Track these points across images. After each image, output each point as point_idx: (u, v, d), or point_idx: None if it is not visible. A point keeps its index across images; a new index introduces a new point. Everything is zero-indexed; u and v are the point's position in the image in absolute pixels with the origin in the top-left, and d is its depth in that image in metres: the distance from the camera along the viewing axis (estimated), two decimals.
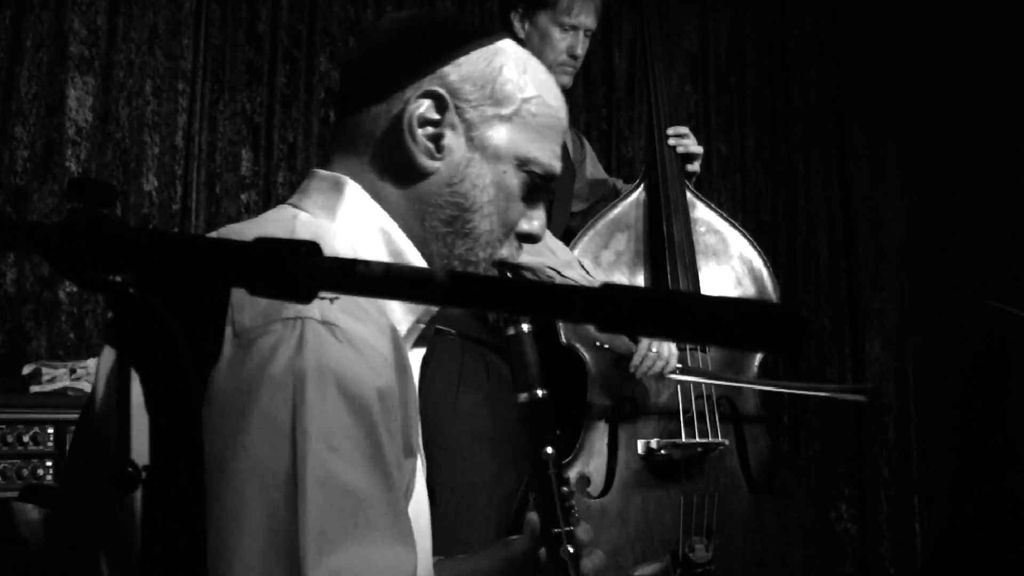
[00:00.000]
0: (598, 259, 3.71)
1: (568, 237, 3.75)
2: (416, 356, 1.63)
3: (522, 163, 1.58)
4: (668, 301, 0.73)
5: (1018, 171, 5.42)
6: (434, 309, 1.58)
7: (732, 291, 3.84)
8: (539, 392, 1.78)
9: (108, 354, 1.40)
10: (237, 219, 4.34)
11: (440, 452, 3.38)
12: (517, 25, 3.69)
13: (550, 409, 1.79)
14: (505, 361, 3.63)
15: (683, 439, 3.58)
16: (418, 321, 1.58)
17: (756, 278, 3.89)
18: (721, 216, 3.93)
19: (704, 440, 3.58)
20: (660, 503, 3.57)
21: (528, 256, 3.32)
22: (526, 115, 1.58)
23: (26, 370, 3.58)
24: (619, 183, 4.12)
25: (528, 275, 3.33)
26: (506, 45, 1.62)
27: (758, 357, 3.83)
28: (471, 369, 3.39)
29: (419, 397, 3.59)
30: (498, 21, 4.21)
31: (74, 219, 0.78)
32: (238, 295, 1.18)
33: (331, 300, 1.36)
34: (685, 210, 3.81)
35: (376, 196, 1.56)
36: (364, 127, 1.58)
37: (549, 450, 1.77)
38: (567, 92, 4.75)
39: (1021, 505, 4.48)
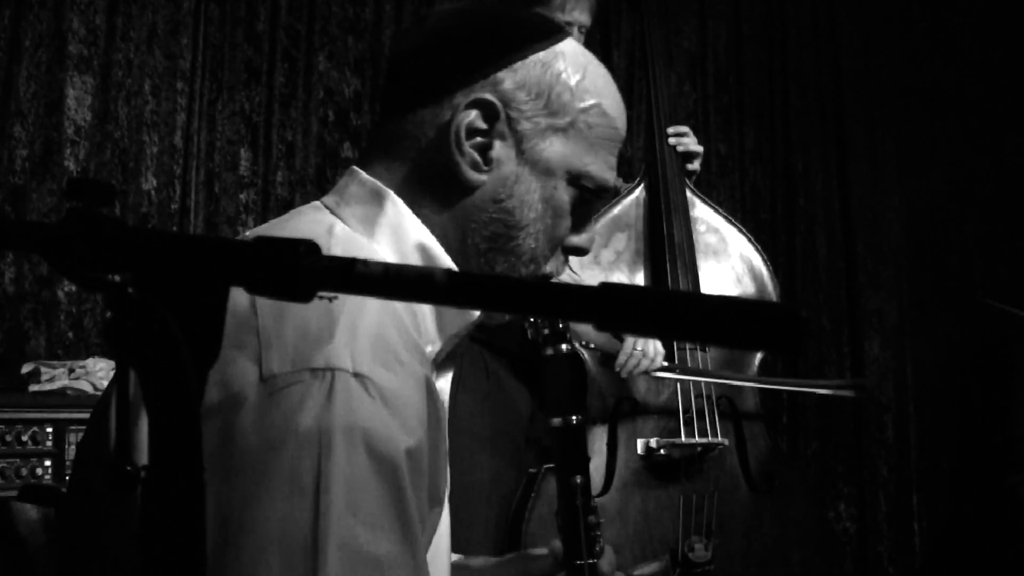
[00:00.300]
0: (598, 258, 3.71)
1: None
2: (446, 378, 1.57)
3: (574, 178, 1.48)
4: (667, 300, 0.73)
5: (1017, 170, 5.42)
6: (472, 320, 1.50)
7: (732, 290, 3.83)
8: (573, 418, 1.73)
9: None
10: (235, 218, 4.34)
11: None
12: None
13: (583, 435, 1.75)
14: (503, 366, 3.64)
15: (682, 439, 3.58)
16: (454, 335, 1.50)
17: (756, 277, 3.89)
18: (721, 215, 3.94)
19: (704, 440, 3.58)
20: (659, 503, 3.57)
21: None
22: (582, 127, 1.48)
23: (25, 369, 3.58)
24: (619, 182, 4.12)
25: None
26: (566, 47, 1.50)
27: (758, 357, 3.83)
28: (469, 369, 3.39)
29: None
30: None
31: (73, 218, 0.78)
32: (268, 332, 1.16)
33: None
34: (685, 209, 3.81)
35: (416, 208, 1.47)
36: (409, 131, 1.48)
37: (578, 479, 1.73)
38: None
39: (1020, 504, 4.48)
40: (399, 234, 1.45)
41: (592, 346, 3.57)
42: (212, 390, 1.21)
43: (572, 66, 1.48)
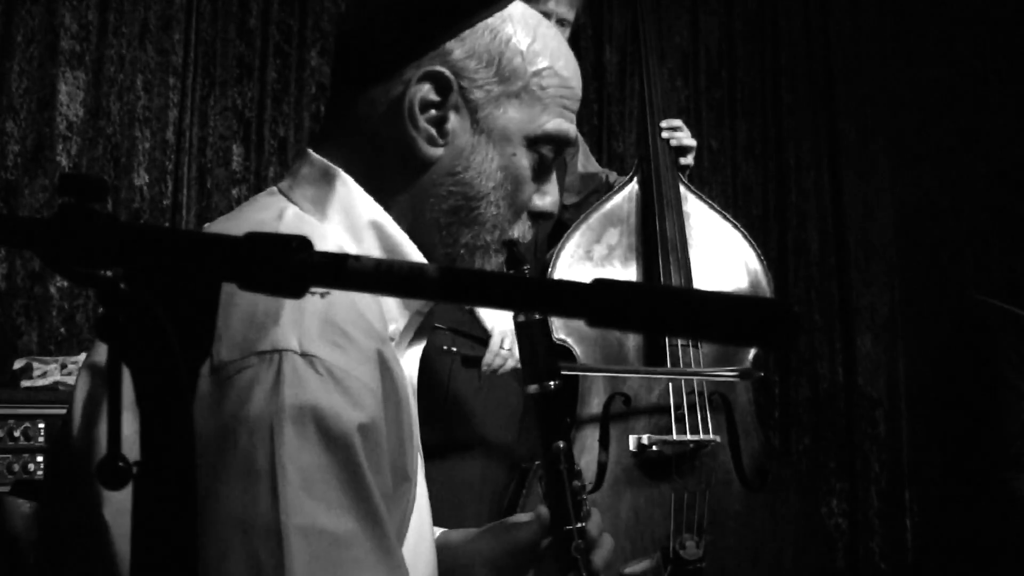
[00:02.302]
0: (590, 253, 3.71)
1: (560, 230, 3.75)
2: (415, 352, 1.57)
3: (533, 141, 1.48)
4: (659, 296, 0.73)
5: (1008, 166, 5.43)
6: None
7: (725, 285, 3.83)
8: (551, 383, 1.71)
9: (83, 381, 1.35)
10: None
11: (429, 449, 3.37)
12: None
13: (561, 401, 1.72)
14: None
15: (674, 436, 3.57)
16: (418, 312, 1.50)
17: (749, 272, 3.89)
18: (714, 209, 3.93)
19: (696, 436, 3.58)
20: (651, 500, 3.57)
21: None
22: (536, 89, 1.47)
23: (17, 365, 3.58)
24: (612, 176, 4.12)
25: None
26: (514, 10, 1.48)
27: (752, 352, 3.83)
28: (460, 365, 3.39)
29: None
30: None
31: (65, 214, 0.78)
32: (217, 323, 1.15)
33: (321, 295, 1.35)
34: (678, 204, 3.81)
35: (370, 186, 1.45)
36: (361, 109, 1.47)
37: (561, 444, 1.71)
38: None
39: (1011, 500, 4.48)
40: (350, 213, 1.44)
41: (455, 349, 3.50)
42: None
43: (522, 29, 1.47)
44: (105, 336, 0.77)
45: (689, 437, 3.57)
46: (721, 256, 3.88)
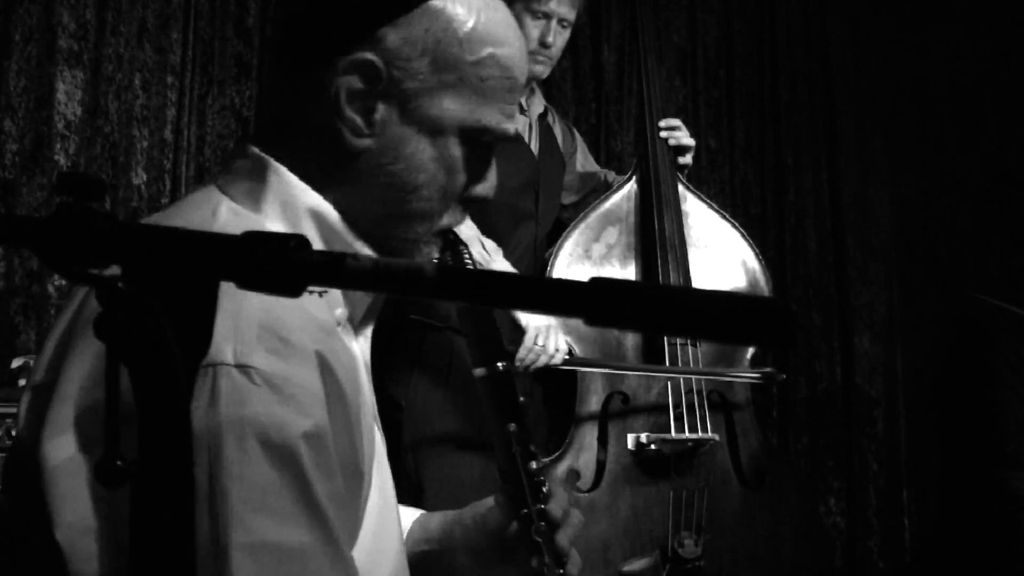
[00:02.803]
0: (589, 252, 3.71)
1: (559, 229, 3.76)
2: (367, 333, 1.53)
3: (467, 132, 1.41)
4: (657, 295, 0.73)
5: (1006, 165, 5.43)
6: None
7: (723, 284, 3.84)
8: (499, 365, 1.67)
9: (25, 399, 1.29)
10: None
11: (428, 447, 3.38)
12: None
13: (512, 382, 1.68)
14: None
15: (673, 434, 3.58)
16: (364, 294, 1.46)
17: (748, 271, 3.89)
18: (713, 209, 3.94)
19: (694, 435, 3.58)
20: (650, 498, 3.57)
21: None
22: (474, 80, 1.39)
23: (15, 364, 3.58)
24: (610, 175, 4.12)
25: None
26: None
27: (750, 351, 3.83)
28: (456, 364, 3.39)
29: (411, 394, 3.57)
30: None
31: (63, 213, 0.78)
32: None
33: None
34: (676, 203, 3.81)
35: (307, 176, 1.40)
36: (295, 99, 1.42)
37: (512, 426, 1.67)
38: (552, 84, 4.76)
39: (1009, 499, 4.49)
40: (287, 203, 1.39)
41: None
42: (103, 405, 1.17)
43: (463, 14, 1.39)
44: (103, 335, 0.77)
45: (688, 436, 3.58)
46: (719, 255, 3.88)
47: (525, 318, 3.39)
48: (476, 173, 1.48)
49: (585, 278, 0.74)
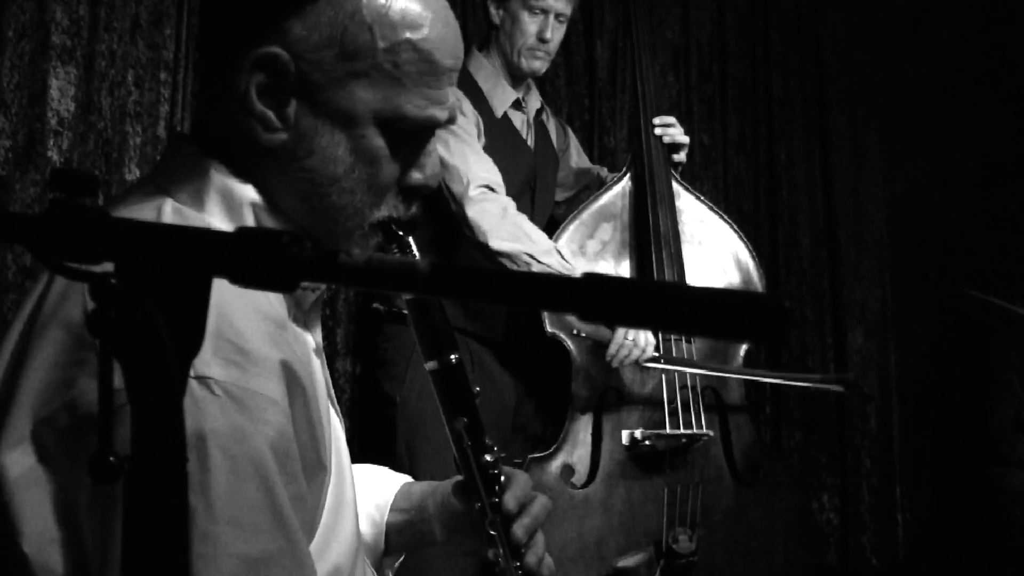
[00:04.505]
0: (584, 248, 3.71)
1: (553, 226, 3.76)
2: (316, 331, 1.50)
3: (384, 122, 1.37)
4: (651, 291, 0.73)
5: (999, 160, 5.43)
6: None
7: (717, 280, 3.84)
8: (451, 357, 1.64)
9: None
10: None
11: (424, 443, 3.39)
12: (492, 11, 3.73)
13: (464, 374, 1.66)
14: (488, 355, 3.64)
15: (667, 430, 3.59)
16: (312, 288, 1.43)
17: (742, 267, 3.90)
18: (707, 205, 3.94)
19: (688, 431, 3.59)
20: (644, 493, 3.58)
21: (505, 242, 3.32)
22: (388, 67, 1.35)
23: None
24: (604, 172, 4.13)
25: (504, 262, 3.34)
26: None
27: (743, 347, 3.84)
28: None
29: (405, 390, 3.58)
30: (479, 10, 4.22)
31: (56, 209, 0.78)
32: None
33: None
34: (671, 199, 3.82)
35: (240, 172, 1.38)
36: (215, 95, 1.40)
37: (464, 420, 1.65)
38: (546, 81, 4.76)
39: (1002, 495, 4.50)
40: (228, 198, 1.37)
41: (583, 335, 3.58)
42: (60, 414, 1.18)
43: (373, 1, 1.35)
44: (97, 331, 0.77)
45: (682, 431, 3.59)
46: (713, 251, 3.89)
47: None
48: (408, 162, 1.44)
49: (579, 274, 0.74)
